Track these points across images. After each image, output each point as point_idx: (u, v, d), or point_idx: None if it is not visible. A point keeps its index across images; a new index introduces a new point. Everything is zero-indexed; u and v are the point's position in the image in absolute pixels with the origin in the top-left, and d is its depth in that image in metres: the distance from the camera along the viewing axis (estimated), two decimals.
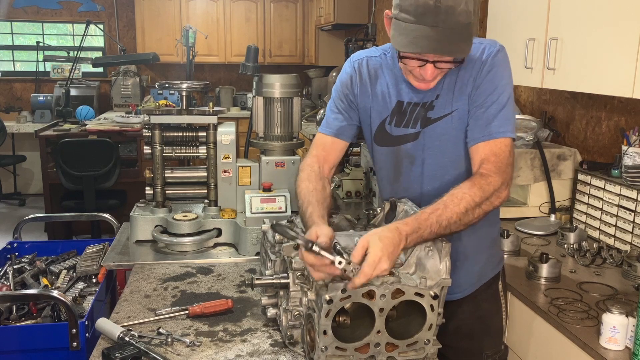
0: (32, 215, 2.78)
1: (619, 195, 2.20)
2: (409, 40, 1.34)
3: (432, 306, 1.29)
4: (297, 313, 1.41)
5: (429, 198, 1.49)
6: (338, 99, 1.67)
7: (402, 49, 1.37)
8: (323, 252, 1.22)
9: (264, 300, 1.53)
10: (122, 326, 1.52)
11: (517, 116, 2.62)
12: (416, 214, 1.34)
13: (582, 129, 2.69)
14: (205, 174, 2.32)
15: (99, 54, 7.31)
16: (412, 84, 1.52)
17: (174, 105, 5.01)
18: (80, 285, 2.30)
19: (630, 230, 2.14)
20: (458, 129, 1.52)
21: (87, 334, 1.88)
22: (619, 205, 2.20)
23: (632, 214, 2.13)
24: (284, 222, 1.59)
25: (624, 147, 2.23)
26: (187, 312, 1.63)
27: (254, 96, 2.44)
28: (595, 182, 2.34)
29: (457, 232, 1.37)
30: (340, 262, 1.21)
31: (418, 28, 1.32)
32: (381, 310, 1.26)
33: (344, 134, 1.67)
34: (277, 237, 1.51)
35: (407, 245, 1.29)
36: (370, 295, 1.26)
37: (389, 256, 1.23)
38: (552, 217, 2.56)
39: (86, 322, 1.88)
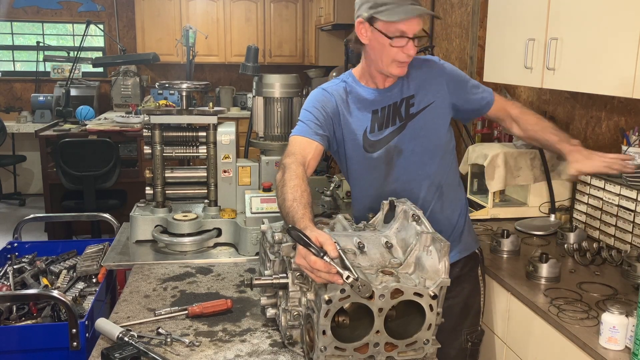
0: (32, 215, 2.78)
1: (618, 195, 2.20)
2: (404, 10, 1.64)
3: (431, 306, 1.29)
4: (296, 313, 1.41)
5: (418, 183, 1.81)
6: (315, 110, 1.78)
7: (403, 16, 1.64)
8: (333, 264, 1.24)
9: (263, 301, 1.53)
10: (121, 326, 1.52)
11: None
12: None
13: (582, 129, 2.69)
14: (205, 174, 2.32)
15: (99, 54, 7.31)
16: (376, 93, 1.80)
17: (174, 105, 5.01)
18: (80, 285, 2.30)
19: (630, 230, 2.14)
20: (438, 116, 1.82)
21: (87, 334, 1.88)
22: (618, 205, 2.20)
23: (632, 214, 2.13)
24: (283, 222, 1.59)
25: (624, 147, 2.23)
26: (186, 312, 1.63)
27: (254, 96, 2.44)
28: (595, 182, 2.33)
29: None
30: (348, 277, 1.23)
31: (405, 6, 1.65)
32: (380, 310, 1.26)
33: (323, 140, 1.77)
34: (277, 237, 1.51)
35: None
36: (369, 295, 1.26)
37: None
38: (552, 217, 2.56)
39: (86, 322, 1.88)
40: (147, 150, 2.26)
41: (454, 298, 1.85)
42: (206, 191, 2.33)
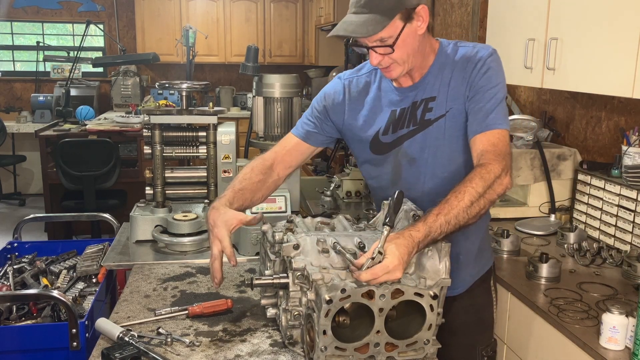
0: (32, 215, 2.78)
1: (618, 195, 2.20)
2: (335, 28, 1.48)
3: (431, 306, 1.29)
4: (296, 313, 1.41)
5: (429, 196, 1.58)
6: (315, 108, 1.76)
7: (329, 35, 1.52)
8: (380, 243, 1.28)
9: (264, 301, 1.53)
10: (121, 326, 1.52)
11: (517, 116, 2.63)
12: (424, 218, 1.35)
13: (582, 129, 2.69)
14: (205, 174, 2.32)
15: (99, 54, 7.32)
16: (398, 92, 1.63)
17: (174, 105, 5.01)
18: (80, 285, 2.30)
19: (630, 230, 2.14)
20: (453, 128, 1.58)
21: (87, 334, 1.88)
22: (618, 205, 2.20)
23: (632, 214, 2.13)
24: (284, 222, 1.59)
25: (624, 147, 2.23)
26: (186, 312, 1.63)
27: (254, 96, 2.44)
28: (595, 182, 2.33)
29: (467, 226, 1.39)
30: (380, 253, 1.26)
31: (348, 16, 1.47)
32: (381, 310, 1.26)
33: (310, 139, 1.76)
34: (277, 237, 1.51)
35: (419, 250, 1.33)
36: (369, 295, 1.26)
37: (404, 265, 1.27)
38: (552, 217, 2.56)
39: (86, 322, 1.88)
40: (147, 150, 2.26)
41: (467, 314, 1.70)
42: (206, 191, 2.33)
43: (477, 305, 1.74)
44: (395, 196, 1.38)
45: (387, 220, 1.32)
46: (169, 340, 1.47)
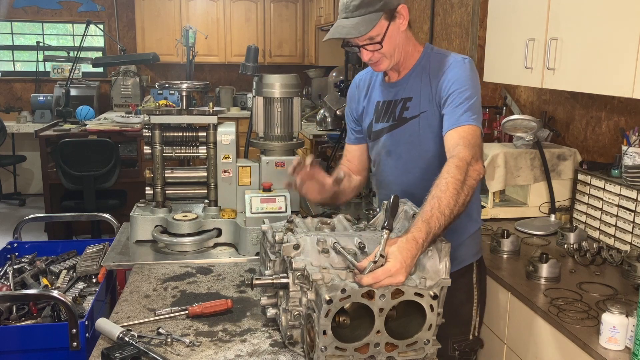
0: (32, 215, 2.78)
1: (618, 195, 2.20)
2: (330, 32, 1.66)
3: (431, 306, 1.29)
4: (296, 313, 1.41)
5: (402, 191, 1.70)
6: (348, 115, 2.00)
7: (324, 39, 1.71)
8: (380, 247, 1.29)
9: (264, 300, 1.53)
10: (121, 326, 1.52)
11: (517, 116, 2.62)
12: (421, 216, 1.37)
13: (582, 129, 2.69)
14: (205, 174, 2.32)
15: (99, 54, 7.31)
16: (384, 86, 1.83)
17: (174, 105, 5.01)
18: (80, 285, 2.30)
19: (630, 230, 2.14)
20: (425, 129, 1.73)
21: (87, 334, 1.88)
22: (618, 205, 2.20)
23: (632, 214, 2.13)
24: (284, 222, 1.59)
25: (624, 147, 2.23)
26: (186, 312, 1.63)
27: (254, 96, 2.44)
28: (595, 182, 2.33)
29: (459, 215, 1.42)
30: (382, 256, 1.27)
31: (340, 21, 1.65)
32: (381, 310, 1.26)
33: (361, 138, 1.97)
34: (277, 237, 1.51)
35: (423, 251, 1.34)
36: (369, 295, 1.26)
37: (406, 269, 1.28)
38: (552, 217, 2.56)
39: (86, 322, 1.88)
40: (147, 150, 2.26)
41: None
42: (206, 191, 2.33)
43: (454, 298, 1.76)
44: (392, 200, 1.39)
45: (385, 224, 1.33)
46: (169, 340, 1.47)
